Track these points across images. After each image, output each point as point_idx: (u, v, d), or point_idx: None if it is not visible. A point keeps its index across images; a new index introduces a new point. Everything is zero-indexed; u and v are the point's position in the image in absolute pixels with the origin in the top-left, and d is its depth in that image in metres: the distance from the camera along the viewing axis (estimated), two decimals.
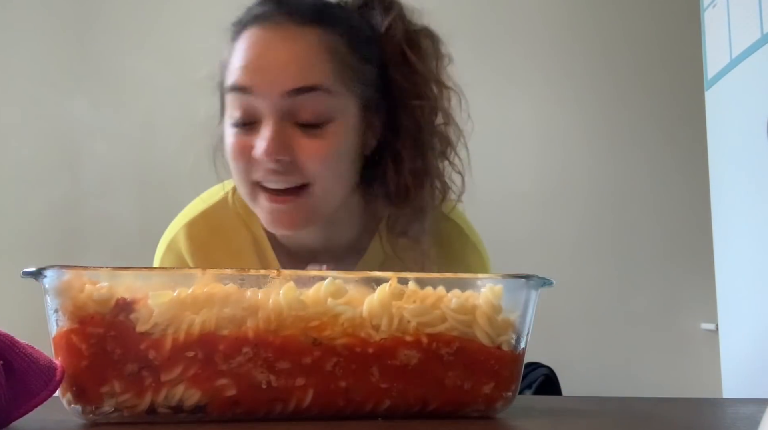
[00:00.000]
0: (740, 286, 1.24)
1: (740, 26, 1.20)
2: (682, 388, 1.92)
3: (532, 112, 2.10)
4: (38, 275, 0.49)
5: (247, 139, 0.76)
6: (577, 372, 1.83)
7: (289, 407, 0.51)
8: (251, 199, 0.79)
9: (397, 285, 0.52)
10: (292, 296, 0.50)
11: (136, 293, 0.49)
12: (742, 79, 1.21)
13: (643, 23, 2.11)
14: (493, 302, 0.53)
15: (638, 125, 2.09)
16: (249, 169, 0.77)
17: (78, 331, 0.48)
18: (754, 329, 1.18)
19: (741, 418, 0.58)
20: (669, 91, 2.07)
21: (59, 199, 1.99)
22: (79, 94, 2.04)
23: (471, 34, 2.09)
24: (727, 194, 1.28)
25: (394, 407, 0.52)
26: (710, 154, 1.35)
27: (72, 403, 0.49)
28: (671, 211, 2.05)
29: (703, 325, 1.98)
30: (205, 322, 0.49)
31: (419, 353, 0.52)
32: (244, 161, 0.77)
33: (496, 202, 2.04)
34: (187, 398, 0.49)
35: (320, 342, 0.50)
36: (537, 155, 2.09)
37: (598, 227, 2.07)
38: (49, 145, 2.02)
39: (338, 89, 0.76)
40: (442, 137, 0.84)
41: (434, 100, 0.83)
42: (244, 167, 0.77)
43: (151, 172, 1.83)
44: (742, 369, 1.23)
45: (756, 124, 1.14)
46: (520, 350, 0.54)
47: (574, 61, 2.11)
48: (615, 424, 0.54)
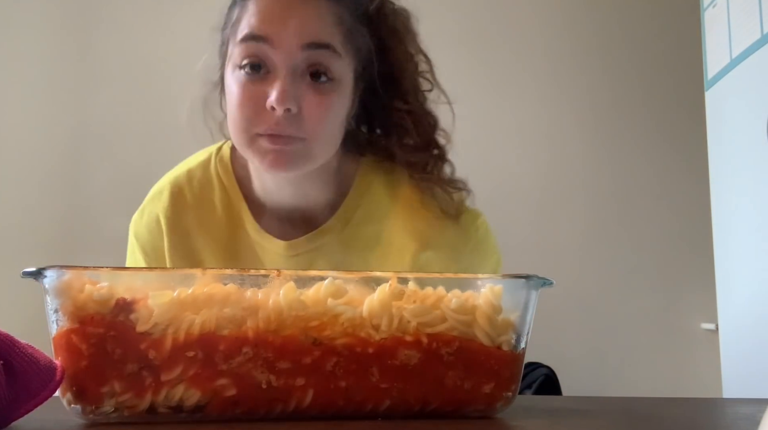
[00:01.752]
0: (740, 286, 1.24)
1: (740, 26, 1.20)
2: (682, 388, 1.93)
3: (533, 112, 2.10)
4: (38, 275, 0.49)
5: (257, 87, 0.80)
6: (577, 372, 1.84)
7: (289, 407, 0.51)
8: (248, 145, 0.82)
9: (397, 285, 0.52)
10: (292, 296, 0.50)
11: (136, 293, 0.49)
12: (742, 79, 1.21)
13: (643, 23, 2.11)
14: (493, 302, 0.53)
15: (638, 125, 2.09)
16: (254, 119, 0.80)
17: (78, 331, 0.48)
18: (754, 329, 1.18)
19: (741, 418, 0.58)
20: (669, 91, 2.07)
21: (60, 199, 1.99)
22: (81, 92, 2.04)
23: (471, 33, 2.09)
24: (727, 194, 1.28)
25: (394, 407, 0.52)
26: (710, 154, 1.35)
27: (72, 403, 0.49)
28: (671, 211, 2.05)
29: (703, 325, 1.98)
30: (205, 322, 0.49)
31: (419, 353, 0.52)
32: (251, 110, 0.80)
33: (497, 202, 2.03)
34: (187, 398, 0.49)
35: (320, 342, 0.50)
36: (537, 155, 2.09)
37: (598, 227, 2.07)
38: (50, 144, 2.02)
39: (343, 53, 0.82)
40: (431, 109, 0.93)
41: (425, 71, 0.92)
42: (249, 116, 0.80)
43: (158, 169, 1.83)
44: (742, 369, 1.23)
45: (756, 124, 1.14)
46: (520, 350, 0.54)
47: (574, 62, 2.11)
48: (615, 424, 0.54)
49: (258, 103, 0.79)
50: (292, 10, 0.80)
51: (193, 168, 0.93)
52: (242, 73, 0.80)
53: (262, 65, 0.80)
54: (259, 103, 0.79)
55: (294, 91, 0.79)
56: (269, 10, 0.80)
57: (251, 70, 0.80)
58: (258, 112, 0.79)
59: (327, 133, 0.83)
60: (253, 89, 0.80)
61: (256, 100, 0.79)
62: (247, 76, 0.80)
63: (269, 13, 0.80)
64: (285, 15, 0.79)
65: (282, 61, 0.79)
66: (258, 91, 0.79)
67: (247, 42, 0.80)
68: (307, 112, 0.80)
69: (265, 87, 0.79)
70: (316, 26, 0.80)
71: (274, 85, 0.78)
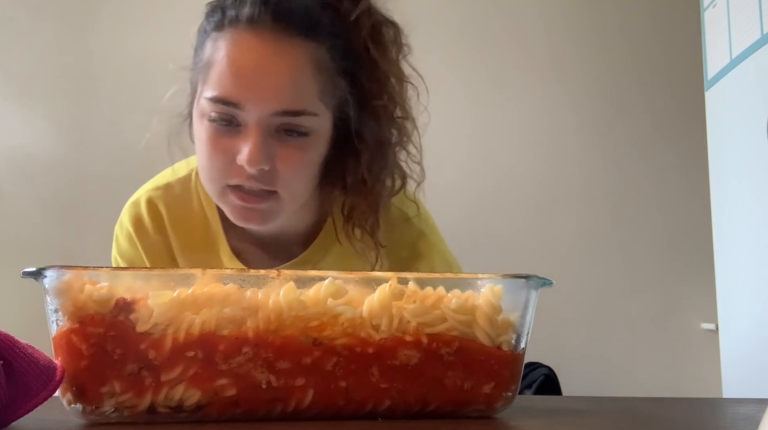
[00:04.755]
0: (740, 286, 1.24)
1: (740, 26, 1.20)
2: (682, 388, 1.93)
3: (533, 112, 2.10)
4: (38, 275, 0.49)
5: (228, 140, 0.76)
6: (577, 372, 1.83)
7: (289, 407, 0.51)
8: (219, 195, 0.80)
9: (397, 285, 0.52)
10: (292, 296, 0.50)
11: (136, 293, 0.49)
12: (742, 79, 1.21)
13: (643, 23, 2.11)
14: (493, 302, 0.53)
15: (639, 125, 2.09)
16: (226, 170, 0.77)
17: (78, 331, 0.48)
18: (754, 329, 1.18)
19: (741, 418, 0.58)
20: (669, 91, 2.07)
21: (60, 199, 1.99)
22: (81, 92, 2.04)
23: (472, 33, 2.09)
24: (727, 194, 1.28)
25: (394, 407, 0.52)
26: (710, 154, 1.35)
27: (72, 403, 0.49)
28: (671, 212, 2.05)
29: (703, 325, 1.98)
30: (205, 322, 0.49)
31: (419, 353, 0.52)
32: (221, 162, 0.77)
33: (497, 202, 2.04)
34: (187, 398, 0.49)
35: (320, 342, 0.50)
36: (537, 155, 2.09)
37: (598, 227, 2.07)
38: (50, 144, 2.02)
39: (320, 109, 0.78)
40: (400, 129, 0.86)
41: (395, 95, 0.84)
42: (220, 168, 0.77)
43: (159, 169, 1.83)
44: (742, 369, 1.23)
45: (756, 124, 1.14)
46: (520, 350, 0.54)
47: (574, 62, 2.11)
48: (615, 424, 0.54)
49: (228, 156, 0.76)
50: (265, 70, 0.74)
51: (173, 183, 0.90)
52: (212, 125, 0.76)
53: (232, 121, 0.76)
54: (230, 157, 0.76)
55: (266, 151, 0.75)
56: (240, 69, 0.74)
57: (221, 123, 0.76)
58: (228, 164, 0.76)
59: (300, 186, 0.80)
60: (224, 143, 0.76)
61: (226, 153, 0.76)
62: (216, 130, 0.76)
63: (240, 74, 0.74)
64: (257, 77, 0.74)
65: (253, 122, 0.75)
66: (228, 145, 0.76)
67: (216, 104, 0.75)
68: (281, 167, 0.76)
69: (236, 141, 0.75)
70: (290, 91, 0.75)
71: (246, 143, 0.74)
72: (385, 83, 0.83)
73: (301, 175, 0.79)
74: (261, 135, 0.75)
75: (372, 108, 0.83)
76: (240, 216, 0.79)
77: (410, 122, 0.86)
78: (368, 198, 0.84)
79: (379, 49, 0.83)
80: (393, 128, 0.85)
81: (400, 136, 0.86)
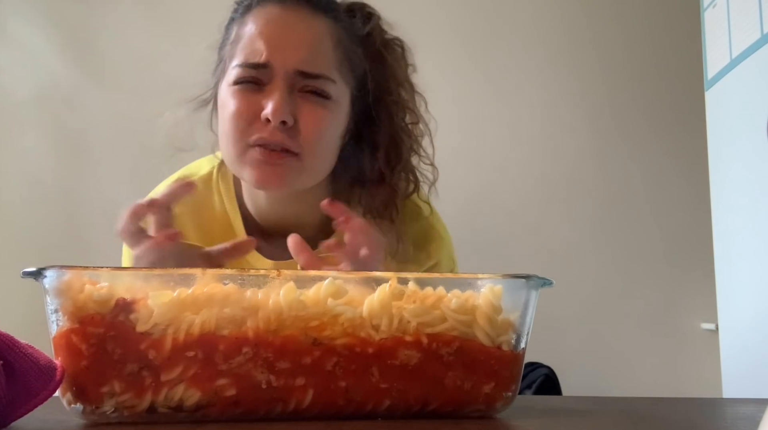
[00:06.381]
0: (740, 286, 1.24)
1: (740, 26, 1.20)
2: (682, 388, 1.93)
3: (533, 112, 2.09)
4: (38, 275, 0.49)
5: (253, 97, 0.80)
6: (577, 372, 1.83)
7: (289, 407, 0.51)
8: (239, 157, 0.82)
9: (397, 285, 0.52)
10: (292, 296, 0.50)
11: (136, 293, 0.49)
12: (742, 79, 1.21)
13: (643, 23, 2.11)
14: (493, 302, 0.53)
15: (638, 125, 2.09)
16: (248, 129, 0.80)
17: (78, 331, 0.48)
18: (754, 329, 1.18)
19: (741, 418, 0.58)
20: (669, 91, 2.07)
21: (61, 198, 1.99)
22: (82, 92, 2.04)
23: (471, 33, 2.09)
24: (727, 194, 1.28)
25: (394, 407, 0.52)
26: (710, 154, 1.35)
27: (72, 403, 0.49)
28: (671, 211, 2.05)
29: (703, 325, 1.98)
30: (205, 322, 0.49)
31: (419, 353, 0.52)
32: (245, 121, 0.80)
33: (497, 202, 2.04)
34: (187, 398, 0.49)
35: (320, 342, 0.50)
36: (537, 155, 2.09)
37: (598, 227, 2.07)
38: (51, 141, 2.02)
39: (338, 78, 0.83)
40: (411, 134, 0.92)
41: (405, 101, 0.92)
42: (243, 127, 0.80)
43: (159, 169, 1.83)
44: (742, 369, 1.23)
45: (756, 124, 1.14)
46: (520, 350, 0.54)
47: (573, 62, 2.11)
48: (615, 424, 0.54)
49: (253, 113, 0.80)
50: (289, 30, 0.81)
51: (194, 180, 0.92)
52: (238, 88, 0.81)
53: (258, 82, 0.81)
54: (254, 114, 0.80)
55: (290, 105, 0.79)
56: (269, 33, 0.81)
57: (247, 86, 0.81)
58: (252, 122, 0.80)
59: (321, 149, 0.83)
60: (249, 99, 0.80)
61: (251, 111, 0.80)
62: (242, 91, 0.81)
63: (267, 36, 0.81)
64: (282, 36, 0.81)
65: (279, 79, 0.80)
66: (253, 102, 0.80)
67: (246, 67, 0.81)
68: (303, 124, 0.80)
69: (260, 98, 0.80)
70: (312, 53, 0.81)
71: (270, 98, 0.79)
72: (397, 86, 0.91)
73: (322, 138, 0.82)
74: (285, 90, 0.80)
75: (385, 103, 0.89)
76: (260, 175, 0.81)
77: (422, 128, 0.93)
78: (387, 189, 0.89)
79: (391, 54, 0.91)
80: (404, 132, 0.91)
81: (412, 140, 0.91)
